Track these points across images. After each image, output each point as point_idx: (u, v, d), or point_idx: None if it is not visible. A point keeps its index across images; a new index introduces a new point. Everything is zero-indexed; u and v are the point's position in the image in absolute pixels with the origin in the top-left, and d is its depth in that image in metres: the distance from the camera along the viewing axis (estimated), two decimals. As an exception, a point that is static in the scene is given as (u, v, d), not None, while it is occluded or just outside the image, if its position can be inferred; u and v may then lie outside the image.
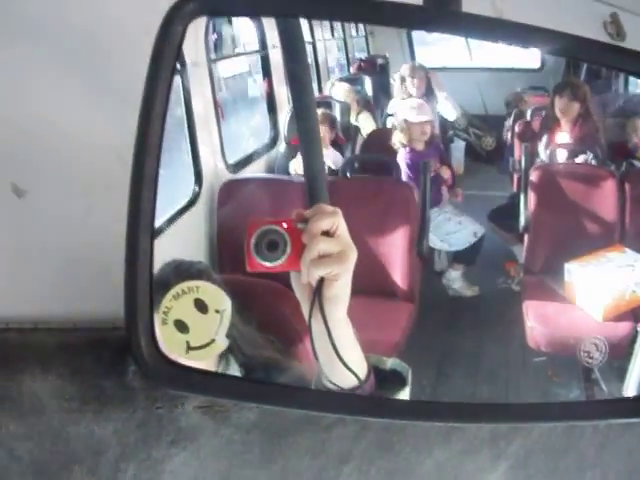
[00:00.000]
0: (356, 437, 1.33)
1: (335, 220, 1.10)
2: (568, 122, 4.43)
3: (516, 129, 4.81)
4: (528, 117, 4.87)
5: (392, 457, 1.34)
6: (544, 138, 4.47)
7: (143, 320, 1.20)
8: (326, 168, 4.22)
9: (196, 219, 3.76)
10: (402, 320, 3.58)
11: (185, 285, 1.21)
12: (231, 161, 4.19)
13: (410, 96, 4.91)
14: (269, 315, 1.89)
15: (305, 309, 1.14)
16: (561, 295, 3.67)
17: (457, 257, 4.41)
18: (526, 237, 4.07)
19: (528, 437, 1.33)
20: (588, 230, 3.91)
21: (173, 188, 3.82)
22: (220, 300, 1.22)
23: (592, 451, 1.34)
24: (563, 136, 4.43)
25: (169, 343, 1.21)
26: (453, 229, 4.36)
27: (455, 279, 4.37)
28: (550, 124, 4.49)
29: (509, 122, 5.03)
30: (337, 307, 1.12)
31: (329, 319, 1.11)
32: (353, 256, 1.10)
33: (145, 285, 1.21)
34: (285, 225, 1.09)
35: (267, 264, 1.09)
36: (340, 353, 1.13)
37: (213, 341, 1.22)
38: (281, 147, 4.71)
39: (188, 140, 3.73)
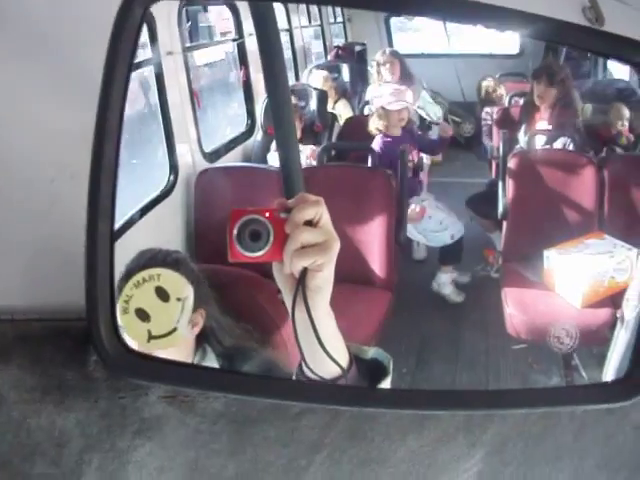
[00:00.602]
0: (326, 426, 1.31)
1: (318, 210, 1.08)
2: (547, 108, 4.42)
3: (494, 116, 4.81)
4: (506, 103, 4.87)
5: (364, 446, 1.32)
6: (523, 124, 4.47)
7: (104, 309, 1.18)
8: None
9: (172, 208, 3.74)
10: (380, 308, 3.57)
11: (146, 273, 1.19)
12: (208, 150, 4.17)
13: (386, 82, 4.91)
14: (246, 305, 1.89)
15: (288, 300, 1.12)
16: (540, 282, 3.66)
17: (442, 259, 4.39)
18: (505, 224, 4.06)
19: (504, 424, 1.31)
20: (567, 217, 3.91)
21: (148, 178, 3.81)
22: (181, 288, 1.20)
23: (569, 437, 1.32)
24: (542, 122, 4.43)
25: (130, 332, 1.19)
26: (432, 228, 4.35)
27: (445, 283, 4.35)
28: (530, 110, 4.49)
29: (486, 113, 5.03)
30: (321, 297, 1.11)
31: (312, 310, 1.10)
32: (336, 246, 1.08)
33: (105, 274, 1.19)
34: (267, 214, 1.07)
35: (249, 254, 1.07)
36: (324, 343, 1.12)
37: (175, 330, 1.20)
38: (258, 136, 4.70)
39: (163, 129, 3.71)
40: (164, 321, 1.20)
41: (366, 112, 4.97)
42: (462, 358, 3.72)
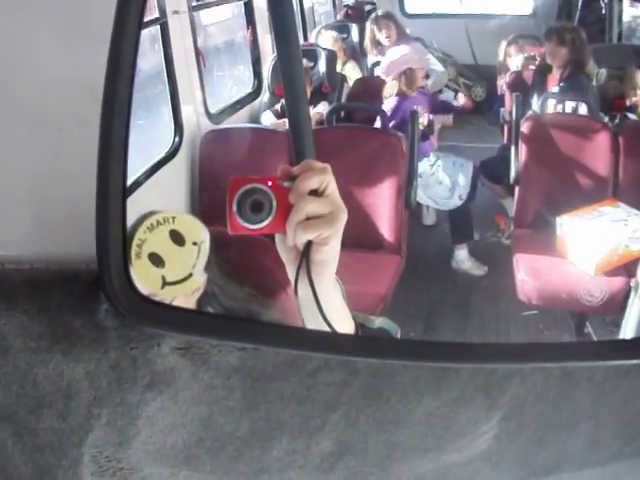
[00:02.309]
0: (343, 383, 1.25)
1: (325, 178, 1.02)
2: (558, 68, 4.36)
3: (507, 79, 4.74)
4: (519, 67, 4.79)
5: (380, 406, 1.27)
6: (537, 87, 4.41)
7: (115, 254, 1.13)
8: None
9: (177, 170, 3.70)
10: (389, 273, 3.53)
11: (160, 216, 1.13)
12: (213, 110, 4.12)
13: (381, 46, 4.89)
14: (251, 268, 1.83)
15: (291, 273, 1.07)
16: (552, 249, 3.62)
17: (455, 238, 4.34)
18: (517, 190, 4.00)
19: (522, 386, 1.26)
20: (581, 183, 3.85)
21: (153, 139, 3.77)
22: (197, 231, 1.13)
23: (587, 402, 1.28)
24: (554, 86, 4.37)
25: (143, 278, 1.13)
26: (442, 194, 4.31)
27: (464, 260, 4.30)
28: (543, 71, 4.43)
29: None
30: (325, 271, 1.07)
31: (317, 284, 1.05)
32: (343, 217, 1.03)
33: (117, 217, 1.13)
34: (270, 183, 1.01)
35: (250, 226, 1.02)
36: (327, 318, 1.08)
37: (190, 275, 1.14)
38: (265, 97, 4.65)
39: (168, 89, 3.66)
40: (179, 266, 1.14)
41: (376, 73, 4.91)
42: (471, 323, 3.71)
